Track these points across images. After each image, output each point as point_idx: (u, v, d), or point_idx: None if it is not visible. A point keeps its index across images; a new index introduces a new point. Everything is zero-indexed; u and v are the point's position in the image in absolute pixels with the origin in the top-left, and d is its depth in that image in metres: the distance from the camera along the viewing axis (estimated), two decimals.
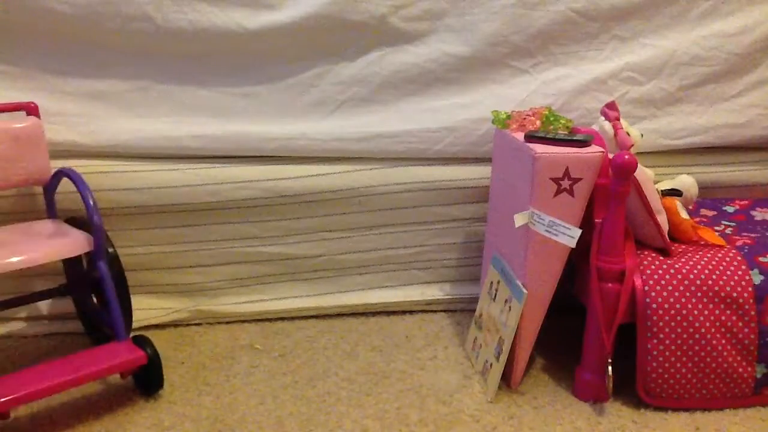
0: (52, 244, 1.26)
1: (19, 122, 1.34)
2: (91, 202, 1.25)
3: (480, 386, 1.33)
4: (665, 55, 1.56)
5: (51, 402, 1.27)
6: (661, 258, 1.26)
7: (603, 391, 1.26)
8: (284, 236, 1.58)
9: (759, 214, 1.51)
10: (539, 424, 1.22)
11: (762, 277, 1.22)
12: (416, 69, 1.55)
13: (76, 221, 1.35)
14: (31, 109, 1.36)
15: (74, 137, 1.47)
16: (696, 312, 1.20)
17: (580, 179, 1.18)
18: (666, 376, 1.22)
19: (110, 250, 1.32)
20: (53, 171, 1.38)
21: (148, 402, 1.28)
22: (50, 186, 1.40)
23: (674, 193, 1.39)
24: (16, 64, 1.47)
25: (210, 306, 1.59)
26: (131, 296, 1.49)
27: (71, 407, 1.27)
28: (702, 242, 1.31)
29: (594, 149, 1.20)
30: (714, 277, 1.22)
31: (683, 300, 1.20)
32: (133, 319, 1.52)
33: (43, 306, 1.54)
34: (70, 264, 1.48)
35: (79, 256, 1.37)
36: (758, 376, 1.23)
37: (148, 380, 1.29)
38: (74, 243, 1.27)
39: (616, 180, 1.17)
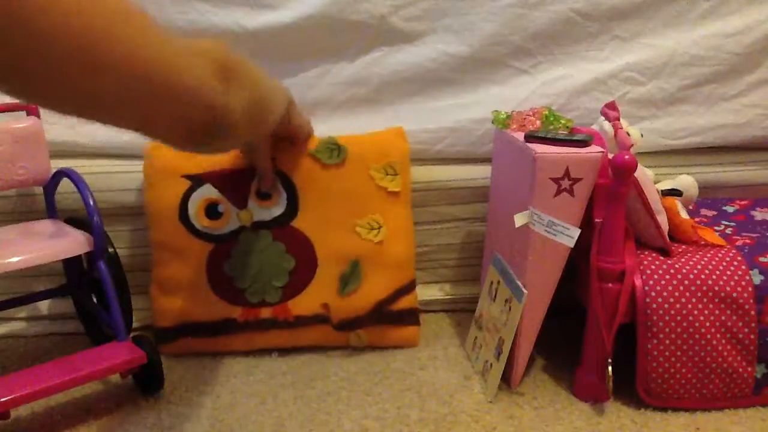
0: (51, 245, 1.25)
1: (19, 122, 1.33)
2: (91, 202, 1.25)
3: (480, 386, 1.33)
4: (665, 55, 1.56)
5: (51, 402, 1.27)
6: (661, 258, 1.26)
7: (603, 391, 1.26)
8: None
9: (759, 214, 1.51)
10: (539, 424, 1.22)
11: (762, 277, 1.22)
12: (416, 69, 1.55)
13: (75, 221, 1.35)
14: (32, 109, 1.36)
15: (74, 137, 1.47)
16: (696, 312, 1.20)
17: (580, 179, 1.18)
18: (666, 376, 1.22)
19: (110, 250, 1.31)
20: (53, 171, 1.38)
21: (148, 402, 1.28)
22: (50, 186, 1.39)
23: (674, 193, 1.39)
24: None
25: None
26: (134, 296, 1.49)
27: (71, 407, 1.27)
28: (702, 242, 1.31)
29: (594, 149, 1.20)
30: (714, 277, 1.22)
31: (683, 300, 1.20)
32: (136, 318, 1.52)
33: (43, 306, 1.54)
34: (70, 264, 1.47)
35: (79, 256, 1.37)
36: (758, 376, 1.23)
37: (148, 380, 1.29)
38: (73, 243, 1.26)
39: (616, 180, 1.17)
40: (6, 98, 1.41)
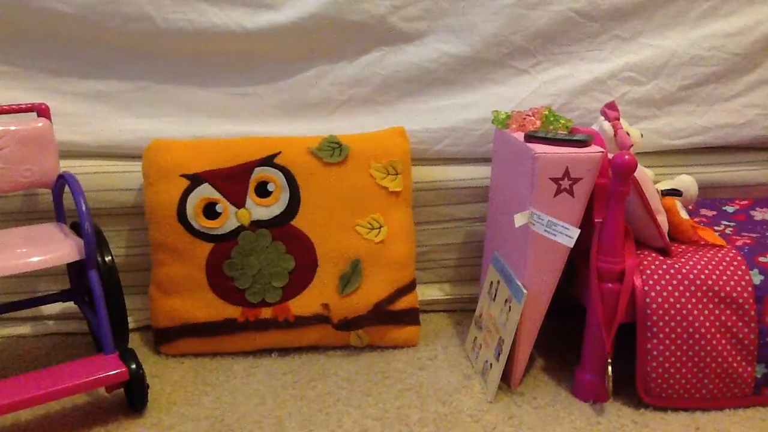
0: (39, 251, 1.21)
1: (26, 124, 1.32)
2: (84, 209, 1.21)
3: (480, 386, 1.33)
4: (665, 55, 1.56)
5: (52, 403, 1.27)
6: (661, 258, 1.26)
7: (603, 391, 1.26)
8: None
9: (759, 214, 1.51)
10: (539, 424, 1.22)
11: (762, 277, 1.22)
12: (416, 69, 1.55)
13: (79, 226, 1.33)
14: (42, 111, 1.35)
15: (74, 137, 1.47)
16: (696, 312, 1.20)
17: (580, 179, 1.18)
18: (666, 376, 1.22)
19: (107, 258, 1.29)
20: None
21: (148, 402, 1.27)
22: (56, 189, 1.38)
23: (674, 193, 1.39)
24: (16, 63, 1.47)
25: None
26: (133, 296, 1.49)
27: (70, 407, 1.27)
28: (702, 242, 1.31)
29: (594, 149, 1.20)
30: (714, 277, 1.22)
31: (683, 300, 1.20)
32: (135, 318, 1.52)
33: (45, 306, 1.54)
34: (74, 269, 1.45)
35: (82, 261, 1.34)
36: (758, 376, 1.23)
37: (130, 397, 1.25)
38: (63, 251, 1.22)
39: (616, 180, 1.17)
40: (5, 98, 1.42)
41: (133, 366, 1.21)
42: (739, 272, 1.22)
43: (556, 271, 1.24)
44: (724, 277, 1.22)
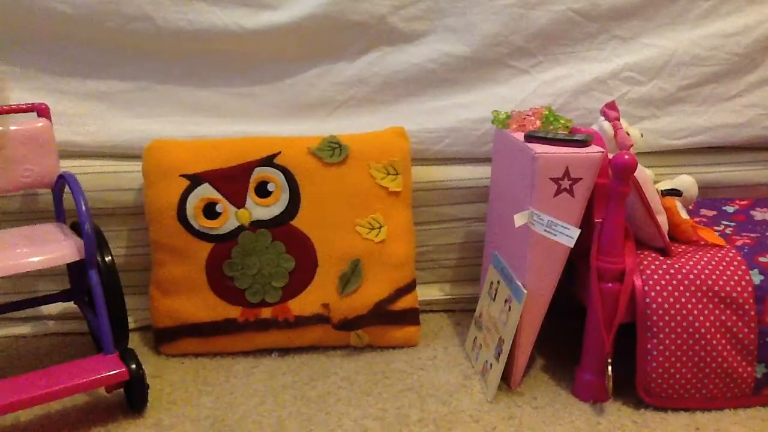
0: (39, 251, 1.21)
1: (26, 124, 1.32)
2: (84, 209, 1.21)
3: (480, 386, 1.33)
4: (665, 55, 1.56)
5: (52, 403, 1.27)
6: (661, 258, 1.26)
7: (603, 391, 1.26)
8: None
9: (759, 214, 1.51)
10: (539, 424, 1.22)
11: (762, 277, 1.22)
12: (416, 69, 1.55)
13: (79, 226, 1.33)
14: (42, 111, 1.35)
15: (74, 137, 1.47)
16: (696, 312, 1.20)
17: (580, 179, 1.18)
18: (666, 376, 1.22)
19: (107, 258, 1.29)
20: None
21: (148, 402, 1.27)
22: (57, 189, 1.38)
23: (674, 193, 1.39)
24: (16, 64, 1.47)
25: None
26: (133, 296, 1.49)
27: (70, 407, 1.27)
28: (702, 242, 1.31)
29: (594, 149, 1.20)
30: (714, 277, 1.22)
31: (683, 300, 1.20)
32: (135, 318, 1.52)
33: (45, 306, 1.54)
34: (74, 269, 1.45)
35: (82, 261, 1.34)
36: (758, 376, 1.23)
37: (130, 397, 1.25)
38: (63, 251, 1.22)
39: (616, 180, 1.17)
40: (15, 99, 1.41)
41: (133, 366, 1.21)
42: (739, 272, 1.22)
43: (556, 271, 1.24)
44: (724, 277, 1.22)
